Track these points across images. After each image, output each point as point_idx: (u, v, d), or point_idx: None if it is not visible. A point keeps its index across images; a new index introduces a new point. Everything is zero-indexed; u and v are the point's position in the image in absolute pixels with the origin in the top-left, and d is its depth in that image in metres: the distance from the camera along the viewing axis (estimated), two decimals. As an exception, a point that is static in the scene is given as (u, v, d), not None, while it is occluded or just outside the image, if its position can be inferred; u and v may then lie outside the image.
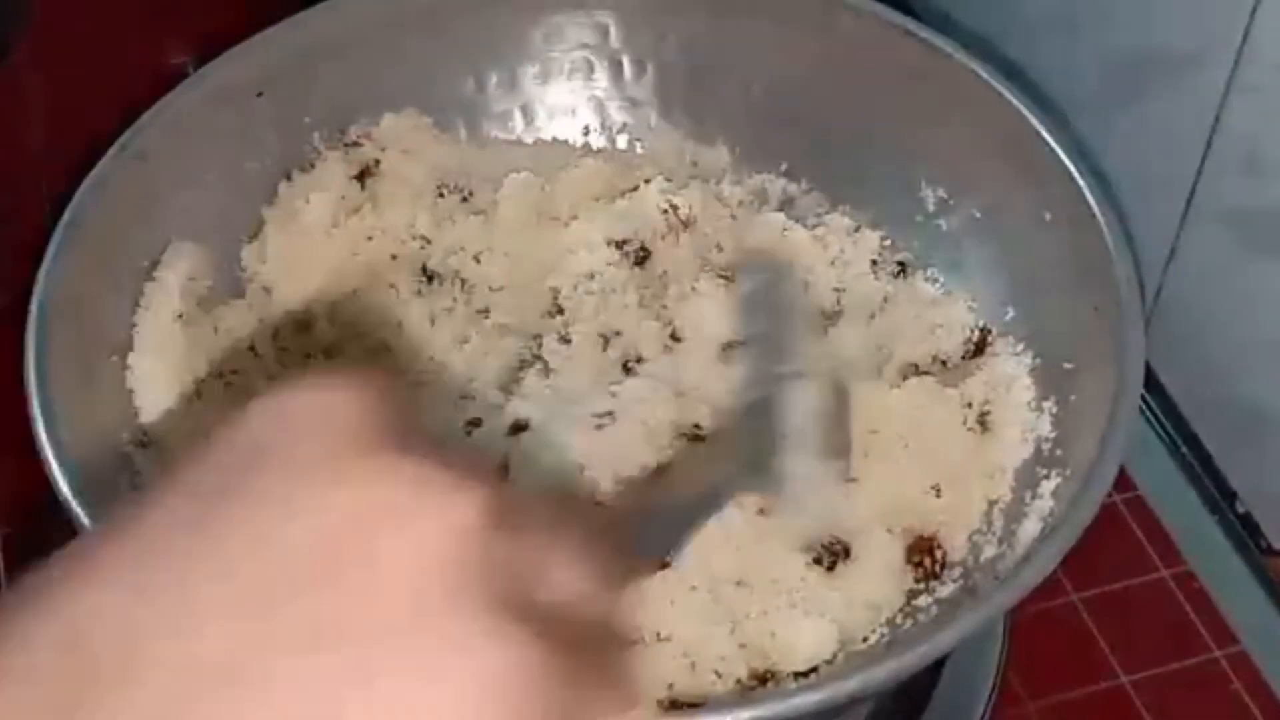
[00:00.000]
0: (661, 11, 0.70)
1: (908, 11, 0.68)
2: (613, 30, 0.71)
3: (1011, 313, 0.65)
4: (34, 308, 0.56)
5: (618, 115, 0.72)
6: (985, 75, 0.65)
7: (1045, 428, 0.60)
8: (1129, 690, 0.65)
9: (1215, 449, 0.71)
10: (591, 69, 0.72)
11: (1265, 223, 0.64)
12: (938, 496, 0.60)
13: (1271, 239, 0.64)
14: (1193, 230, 0.68)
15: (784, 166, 0.71)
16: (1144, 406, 0.73)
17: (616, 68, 0.71)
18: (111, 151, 0.61)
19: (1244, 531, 0.69)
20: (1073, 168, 0.62)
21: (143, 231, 0.62)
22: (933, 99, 0.67)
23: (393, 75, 0.70)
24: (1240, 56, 0.62)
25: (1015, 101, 0.64)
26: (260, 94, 0.65)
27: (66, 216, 0.59)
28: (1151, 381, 0.73)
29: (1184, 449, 0.72)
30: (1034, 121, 0.63)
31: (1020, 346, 0.63)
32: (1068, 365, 0.60)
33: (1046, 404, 0.61)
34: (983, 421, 0.62)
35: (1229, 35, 0.62)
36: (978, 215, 0.66)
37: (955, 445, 0.61)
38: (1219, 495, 0.70)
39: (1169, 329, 0.71)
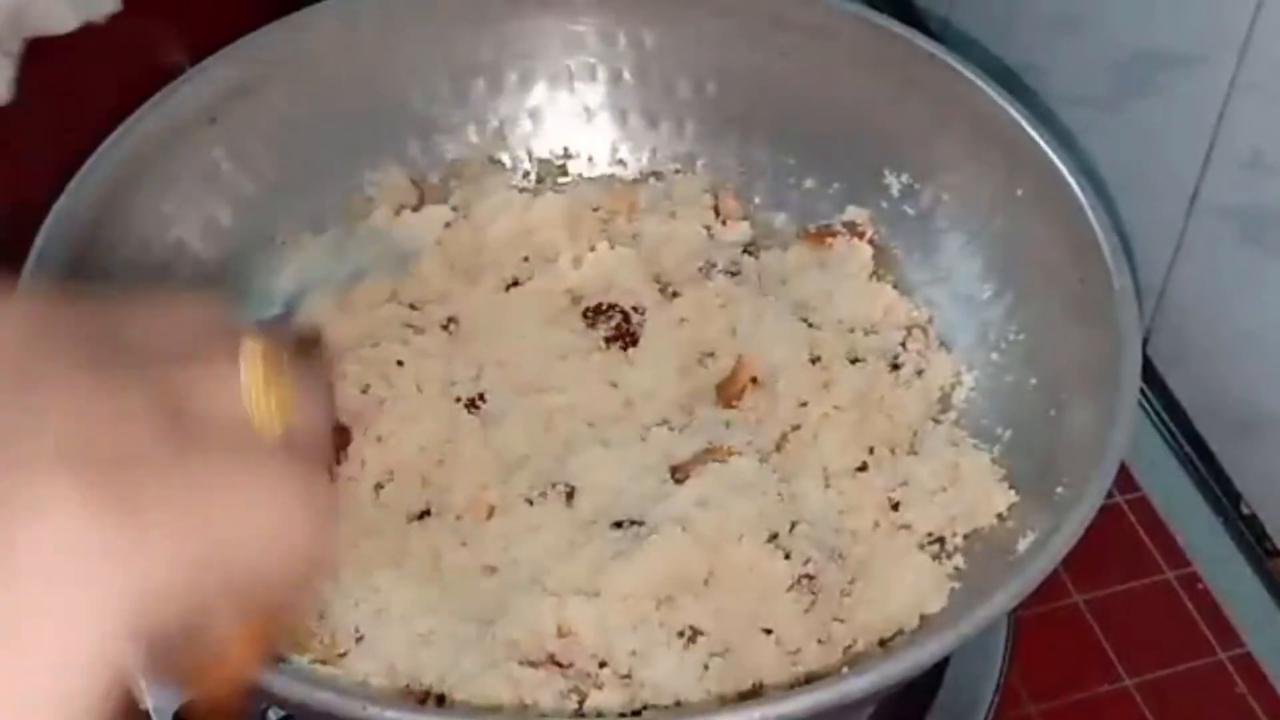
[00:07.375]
0: (617, 11, 0.70)
1: (909, 14, 0.68)
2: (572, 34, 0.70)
3: (989, 293, 0.64)
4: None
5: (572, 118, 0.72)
6: (945, 57, 0.65)
7: (1036, 417, 0.60)
8: (1133, 692, 0.65)
9: (1220, 449, 0.70)
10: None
11: (1269, 221, 0.64)
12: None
13: (1276, 237, 0.64)
14: (1196, 229, 0.68)
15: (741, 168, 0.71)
16: (1148, 407, 0.73)
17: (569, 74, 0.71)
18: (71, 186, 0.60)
19: (1249, 533, 0.69)
20: (1042, 142, 0.62)
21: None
22: (897, 87, 0.67)
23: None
24: (1243, 55, 0.62)
25: (979, 81, 0.64)
26: (213, 120, 0.64)
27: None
28: (1156, 381, 0.72)
29: (1188, 449, 0.72)
30: (996, 97, 0.63)
31: (1011, 329, 0.63)
32: (1057, 346, 0.60)
33: (1034, 389, 0.60)
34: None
35: (1232, 33, 0.62)
36: (945, 198, 0.66)
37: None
38: (1223, 496, 0.70)
39: (1173, 328, 0.71)
